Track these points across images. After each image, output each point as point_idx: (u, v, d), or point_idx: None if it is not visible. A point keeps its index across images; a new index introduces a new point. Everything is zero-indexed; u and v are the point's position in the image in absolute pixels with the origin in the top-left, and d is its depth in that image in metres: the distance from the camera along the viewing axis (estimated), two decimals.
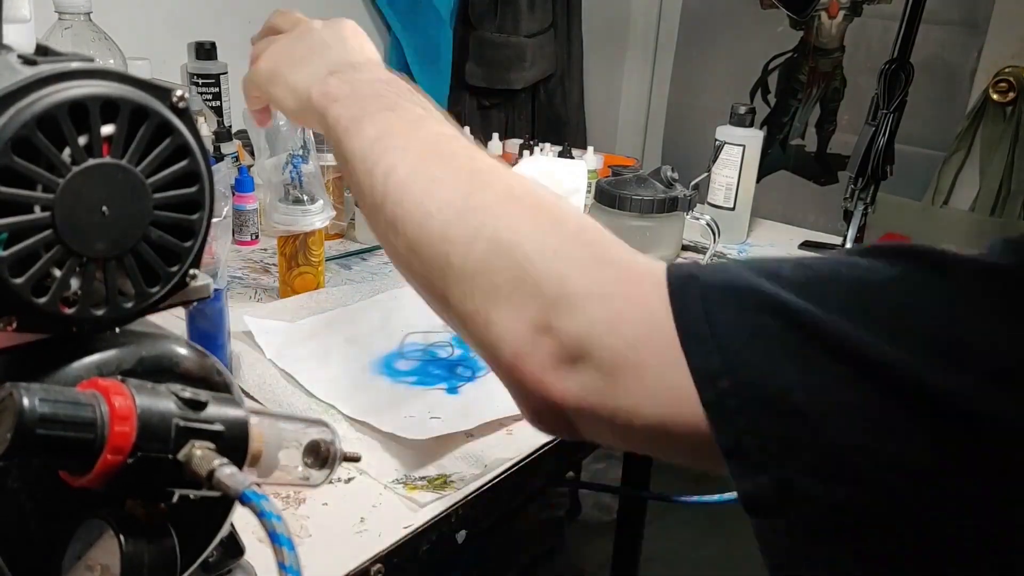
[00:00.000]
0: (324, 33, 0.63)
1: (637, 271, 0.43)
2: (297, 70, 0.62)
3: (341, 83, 0.58)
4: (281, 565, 0.32)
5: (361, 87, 0.57)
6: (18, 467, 0.35)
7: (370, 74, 0.58)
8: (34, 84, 0.32)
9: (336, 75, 0.58)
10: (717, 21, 2.11)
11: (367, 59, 0.61)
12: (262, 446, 0.39)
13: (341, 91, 0.57)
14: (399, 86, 0.57)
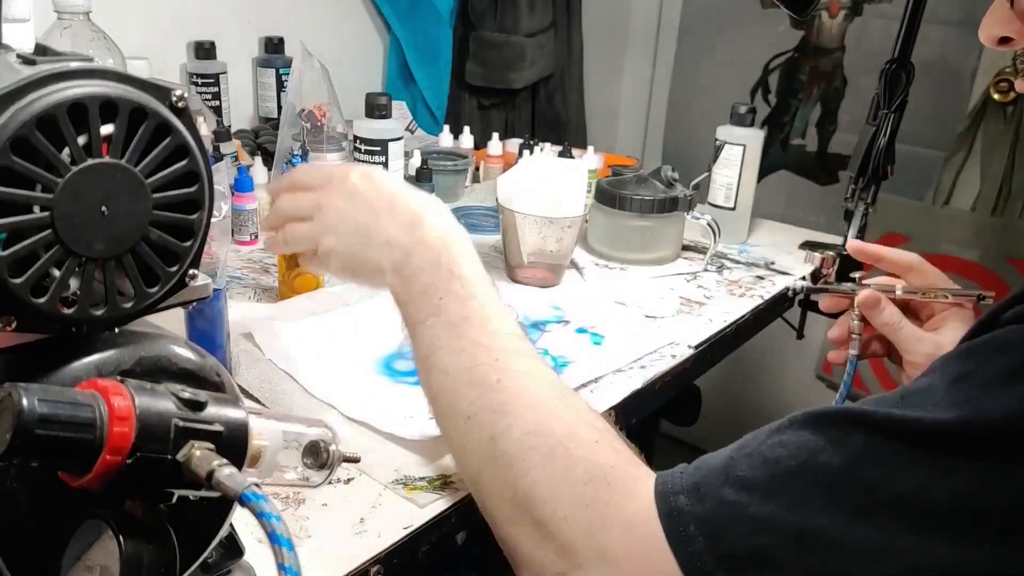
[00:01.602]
0: (369, 198, 0.68)
1: (636, 525, 0.48)
2: (360, 269, 0.68)
3: (398, 283, 0.64)
4: (281, 565, 0.32)
5: (414, 282, 0.63)
6: (18, 467, 0.35)
7: (422, 256, 0.63)
8: (33, 84, 0.32)
9: (395, 272, 0.64)
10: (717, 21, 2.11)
11: (411, 219, 0.65)
12: (262, 446, 0.38)
13: (399, 294, 0.64)
14: (443, 265, 0.62)
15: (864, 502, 0.41)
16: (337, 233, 0.69)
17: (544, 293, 1.05)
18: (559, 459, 0.52)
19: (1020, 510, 0.38)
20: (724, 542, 0.44)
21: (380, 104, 1.10)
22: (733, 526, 0.44)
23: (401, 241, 0.65)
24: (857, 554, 0.40)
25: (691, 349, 0.92)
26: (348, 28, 1.71)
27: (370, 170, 0.71)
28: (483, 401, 0.56)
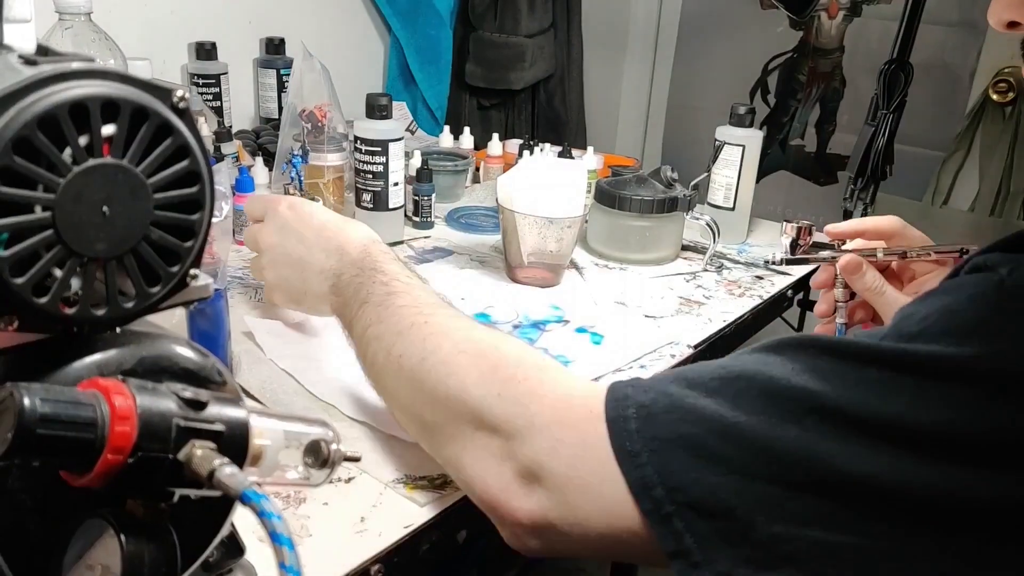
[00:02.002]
0: (299, 230, 0.76)
1: (573, 399, 0.50)
2: (303, 300, 0.77)
3: (337, 302, 0.71)
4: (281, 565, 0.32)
5: (346, 291, 0.70)
6: (18, 467, 0.35)
7: (349, 270, 0.70)
8: (35, 84, 0.32)
9: (333, 294, 0.72)
10: (717, 21, 2.11)
11: (338, 246, 0.73)
12: (263, 446, 0.39)
13: (338, 309, 0.71)
14: (366, 268, 0.69)
15: (794, 407, 0.42)
16: (276, 267, 0.78)
17: (544, 293, 1.05)
18: (488, 356, 0.55)
19: (942, 433, 0.39)
20: (655, 425, 0.45)
21: (381, 105, 1.10)
22: (667, 413, 0.46)
23: (332, 267, 0.72)
24: (778, 453, 0.42)
25: (691, 349, 0.92)
26: (349, 29, 1.71)
27: (297, 201, 0.79)
28: (412, 337, 0.59)
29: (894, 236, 0.80)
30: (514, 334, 0.92)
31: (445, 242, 1.20)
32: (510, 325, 0.95)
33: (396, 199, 1.14)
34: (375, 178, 1.12)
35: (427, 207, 1.22)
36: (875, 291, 0.77)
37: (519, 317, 0.97)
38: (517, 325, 0.95)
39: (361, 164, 1.12)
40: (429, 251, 1.16)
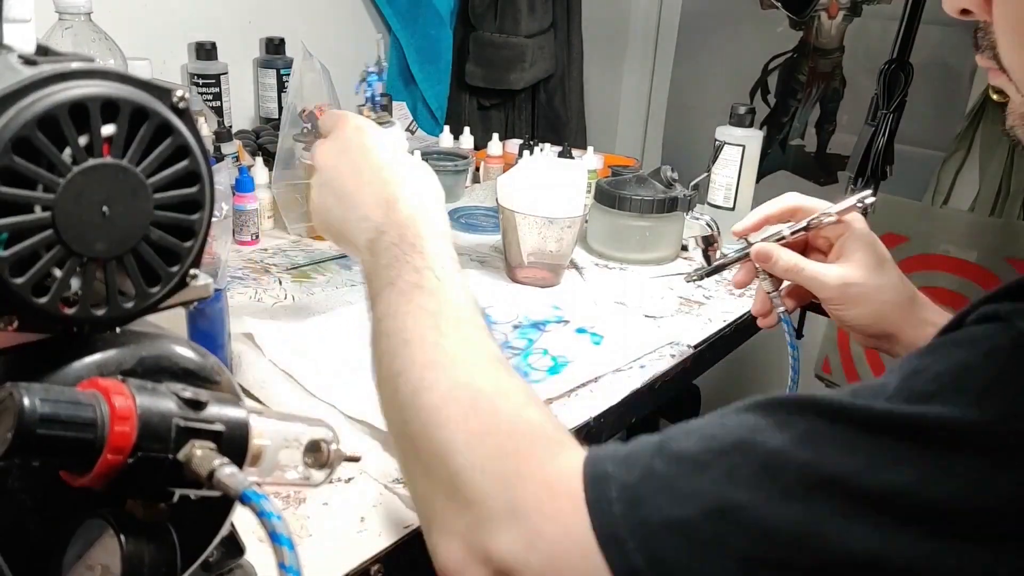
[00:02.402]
0: (356, 160, 0.67)
1: (559, 484, 0.45)
2: (339, 238, 0.69)
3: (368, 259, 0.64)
4: (281, 565, 0.32)
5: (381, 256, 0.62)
6: (18, 467, 0.35)
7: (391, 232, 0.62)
8: (35, 84, 0.32)
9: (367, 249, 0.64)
10: (717, 21, 2.11)
11: (390, 196, 0.64)
12: (262, 446, 0.39)
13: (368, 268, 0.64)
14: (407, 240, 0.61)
15: (796, 482, 0.39)
16: (323, 193, 0.69)
17: (544, 293, 1.05)
18: (483, 412, 0.49)
19: (958, 507, 0.36)
20: (643, 509, 0.41)
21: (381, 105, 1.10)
22: (655, 495, 0.41)
23: (376, 219, 0.64)
24: (781, 535, 0.38)
25: (691, 349, 0.92)
26: (349, 29, 1.71)
27: (367, 126, 0.70)
28: (415, 358, 0.54)
29: (797, 211, 0.79)
30: (514, 334, 0.92)
31: None
32: (510, 325, 0.95)
33: None
34: None
35: None
36: (795, 271, 0.76)
37: (519, 317, 0.97)
38: (517, 325, 0.95)
39: None
40: None
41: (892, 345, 0.77)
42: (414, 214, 0.63)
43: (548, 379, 0.82)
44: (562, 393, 0.79)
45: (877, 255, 0.76)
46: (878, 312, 0.75)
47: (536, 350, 0.88)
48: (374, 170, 0.66)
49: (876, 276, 0.76)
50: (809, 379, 2.15)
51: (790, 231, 0.77)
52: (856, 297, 0.75)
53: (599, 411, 0.78)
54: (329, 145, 0.69)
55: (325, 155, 0.69)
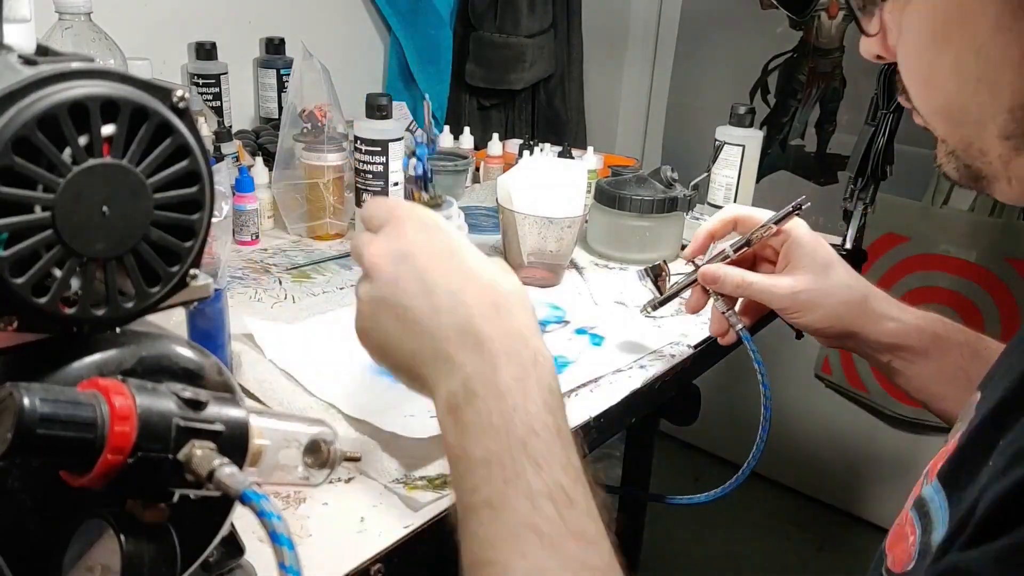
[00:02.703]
0: (426, 271, 0.51)
1: None
2: (399, 374, 0.53)
3: (451, 426, 0.48)
4: (281, 565, 0.32)
5: (472, 445, 0.46)
6: (18, 467, 0.35)
7: (486, 407, 0.47)
8: (35, 84, 0.32)
9: (449, 410, 0.48)
10: (717, 21, 2.11)
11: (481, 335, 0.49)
12: (262, 446, 0.39)
13: (451, 441, 0.48)
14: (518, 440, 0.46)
15: None
16: (379, 311, 0.52)
17: (544, 293, 1.05)
18: None
19: None
20: None
21: (380, 104, 1.10)
22: None
23: (460, 363, 0.48)
24: None
25: (691, 349, 0.92)
26: (349, 29, 1.71)
27: (434, 223, 0.54)
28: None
29: (739, 222, 0.79)
30: None
31: None
32: None
33: (396, 199, 1.14)
34: (375, 178, 1.12)
35: None
36: (743, 287, 0.76)
37: None
38: None
39: (361, 164, 1.12)
40: None
41: (855, 343, 0.77)
42: (523, 375, 0.48)
43: None
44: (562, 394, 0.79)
45: (822, 258, 0.77)
46: (833, 314, 0.75)
47: None
48: (452, 290, 0.50)
49: (824, 279, 0.76)
50: (809, 379, 2.15)
51: (733, 249, 0.78)
52: (808, 303, 0.75)
53: (599, 411, 0.78)
54: (384, 246, 0.53)
55: (379, 259, 0.52)
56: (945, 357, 0.74)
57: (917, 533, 0.47)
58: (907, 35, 0.48)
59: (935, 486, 0.47)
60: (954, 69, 0.46)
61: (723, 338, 0.82)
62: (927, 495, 0.48)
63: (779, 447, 2.22)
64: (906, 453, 2.02)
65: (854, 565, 2.03)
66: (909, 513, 0.49)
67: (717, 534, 2.10)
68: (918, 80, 0.49)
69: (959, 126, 0.48)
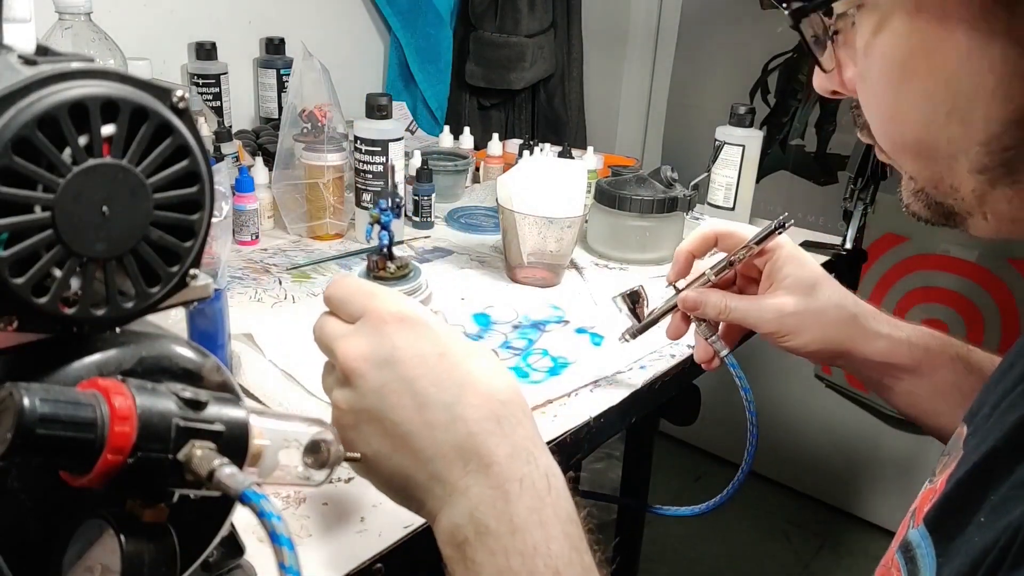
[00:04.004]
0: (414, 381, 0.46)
1: None
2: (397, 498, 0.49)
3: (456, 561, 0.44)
4: (281, 565, 0.32)
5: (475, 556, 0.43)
6: (18, 467, 0.35)
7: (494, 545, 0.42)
8: (34, 84, 0.32)
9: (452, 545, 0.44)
10: (717, 21, 2.11)
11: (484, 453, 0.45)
12: (262, 446, 0.39)
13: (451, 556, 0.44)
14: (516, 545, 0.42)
15: None
16: (366, 426, 0.47)
17: (544, 293, 1.05)
18: None
19: None
20: None
21: (380, 104, 1.10)
22: None
23: (467, 493, 0.43)
24: None
25: (691, 349, 0.92)
26: (349, 29, 1.71)
27: (417, 317, 0.48)
28: None
29: (720, 239, 0.75)
30: (514, 334, 0.92)
31: (445, 242, 1.20)
32: (510, 325, 0.95)
33: None
34: (375, 178, 1.12)
35: (427, 207, 1.22)
36: (726, 312, 0.72)
37: (519, 317, 0.97)
38: (517, 325, 0.95)
39: (361, 164, 1.12)
40: (429, 251, 1.16)
41: (845, 362, 0.74)
42: (534, 504, 0.43)
43: (548, 380, 0.82)
44: (562, 394, 0.79)
45: (808, 277, 0.72)
46: (822, 336, 0.71)
47: (536, 350, 0.88)
48: (447, 403, 0.45)
49: (812, 299, 0.71)
50: (809, 379, 2.15)
51: (714, 272, 0.73)
52: (796, 326, 0.71)
53: (599, 411, 0.78)
54: (362, 347, 0.48)
55: (358, 363, 0.47)
56: (936, 373, 0.71)
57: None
58: (869, 68, 0.45)
59: (921, 531, 0.46)
60: (921, 102, 0.43)
61: (708, 364, 0.78)
62: (913, 539, 0.46)
63: (779, 447, 2.23)
64: (906, 453, 2.02)
65: (854, 565, 2.03)
66: (895, 555, 0.48)
67: (717, 535, 2.10)
68: (882, 115, 0.47)
69: (929, 162, 0.45)
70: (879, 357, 0.72)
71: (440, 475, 0.45)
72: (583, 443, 0.77)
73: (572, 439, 0.74)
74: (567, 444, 0.73)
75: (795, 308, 0.71)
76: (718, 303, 0.72)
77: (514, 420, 0.46)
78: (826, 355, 0.73)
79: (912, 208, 0.49)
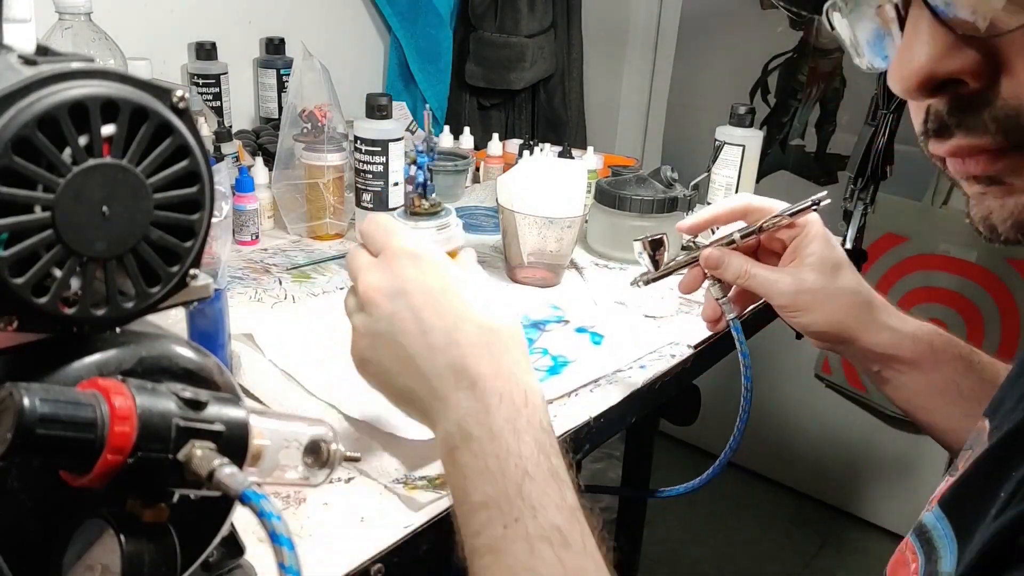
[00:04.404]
0: (419, 310, 0.52)
1: None
2: (400, 407, 0.56)
3: (449, 464, 0.50)
4: (281, 565, 0.32)
5: (470, 489, 0.48)
6: (18, 467, 0.35)
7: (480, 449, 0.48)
8: (34, 84, 0.32)
9: (446, 450, 0.50)
10: (717, 21, 2.11)
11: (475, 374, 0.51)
12: (262, 446, 0.39)
13: (452, 480, 0.50)
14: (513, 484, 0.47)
15: None
16: (376, 345, 0.54)
17: (544, 293, 1.05)
18: None
19: None
20: None
21: (380, 105, 1.10)
22: None
23: (457, 409, 0.50)
24: None
25: (691, 349, 0.92)
26: (349, 29, 1.71)
27: (429, 257, 0.55)
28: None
29: (749, 213, 0.75)
30: None
31: None
32: None
33: (396, 199, 1.14)
34: (375, 178, 1.12)
35: None
36: (745, 276, 0.72)
37: (519, 317, 0.97)
38: None
39: (361, 164, 1.12)
40: None
41: (847, 349, 0.74)
42: (513, 416, 0.49)
43: (548, 379, 0.82)
44: (562, 394, 0.79)
45: (833, 259, 0.73)
46: (832, 318, 0.72)
47: (536, 350, 0.88)
48: (445, 329, 0.52)
49: (831, 281, 0.72)
50: (809, 379, 2.15)
51: (741, 235, 0.74)
52: (809, 304, 0.72)
53: (599, 411, 0.78)
54: (379, 280, 0.54)
55: (374, 292, 0.54)
56: (937, 370, 0.72)
57: (920, 561, 0.46)
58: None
59: (936, 513, 0.46)
60: None
61: (713, 325, 0.78)
62: (928, 522, 0.47)
63: (779, 447, 2.23)
64: (906, 453, 2.02)
65: (854, 564, 2.03)
66: (910, 539, 0.48)
67: (717, 534, 2.11)
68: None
69: None
70: (881, 349, 0.73)
71: (438, 391, 0.51)
72: (583, 443, 0.77)
73: (572, 439, 0.74)
74: (567, 444, 0.73)
75: (812, 286, 0.72)
76: (740, 267, 0.73)
77: (502, 346, 0.52)
78: (830, 338, 0.74)
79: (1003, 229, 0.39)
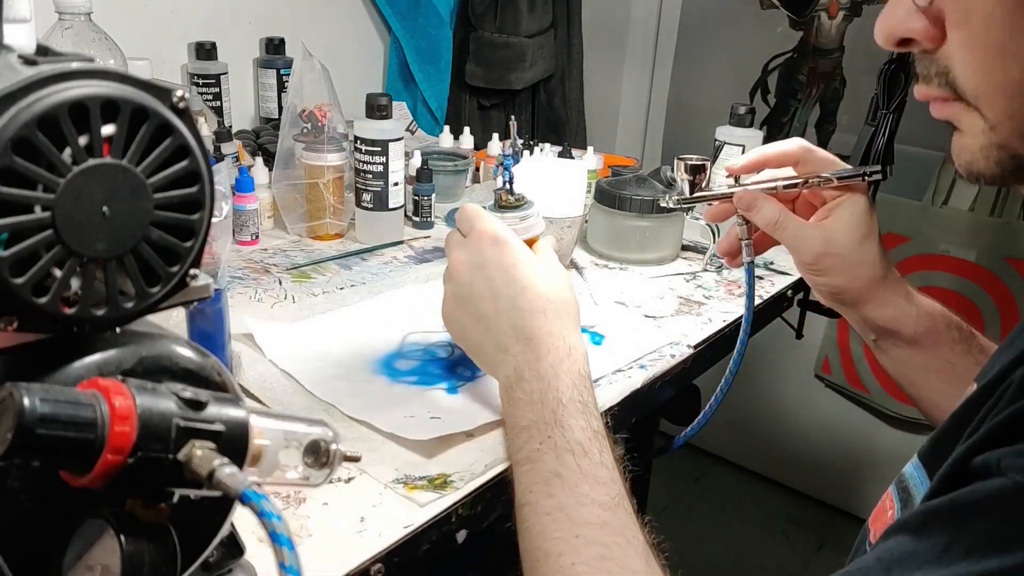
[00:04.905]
0: (494, 280, 0.67)
1: None
2: (475, 358, 0.71)
3: (506, 402, 0.65)
4: (281, 565, 0.32)
5: (518, 416, 0.62)
6: (18, 467, 0.35)
7: (529, 387, 0.63)
8: (35, 84, 0.32)
9: (505, 389, 0.66)
10: (717, 21, 2.11)
11: (530, 333, 0.65)
12: (262, 446, 0.39)
13: (507, 412, 0.65)
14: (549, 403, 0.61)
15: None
16: (457, 306, 0.70)
17: None
18: None
19: None
20: None
21: (380, 105, 1.10)
22: None
23: (514, 354, 0.65)
24: None
25: (691, 349, 0.92)
26: (349, 29, 1.71)
27: (507, 240, 0.69)
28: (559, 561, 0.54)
29: (800, 161, 0.75)
30: None
31: None
32: None
33: (396, 199, 1.14)
34: (375, 178, 1.12)
35: (427, 207, 1.22)
36: (775, 225, 0.73)
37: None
38: None
39: (361, 164, 1.12)
40: (429, 251, 1.16)
41: (849, 313, 0.77)
42: (556, 365, 0.63)
43: None
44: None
45: (865, 228, 0.73)
46: (848, 285, 0.74)
47: None
48: (511, 296, 0.66)
49: (857, 250, 0.73)
50: (809, 379, 2.15)
51: (784, 186, 0.73)
52: (830, 266, 0.73)
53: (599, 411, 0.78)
54: (465, 256, 0.70)
55: (460, 266, 0.70)
56: (934, 349, 0.74)
57: (896, 507, 0.50)
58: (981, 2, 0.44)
59: (915, 463, 0.50)
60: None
61: (731, 260, 0.79)
62: (907, 472, 0.51)
63: (779, 447, 2.23)
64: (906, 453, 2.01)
65: None
66: (890, 490, 0.52)
67: (717, 534, 2.11)
68: (989, 50, 0.44)
69: None
70: (882, 322, 0.75)
71: (501, 344, 0.66)
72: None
73: None
74: None
75: (839, 250, 0.72)
76: (773, 214, 0.73)
77: (556, 313, 0.66)
78: (838, 299, 0.76)
79: (976, 167, 0.47)
